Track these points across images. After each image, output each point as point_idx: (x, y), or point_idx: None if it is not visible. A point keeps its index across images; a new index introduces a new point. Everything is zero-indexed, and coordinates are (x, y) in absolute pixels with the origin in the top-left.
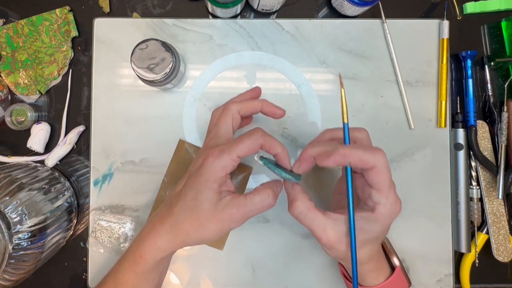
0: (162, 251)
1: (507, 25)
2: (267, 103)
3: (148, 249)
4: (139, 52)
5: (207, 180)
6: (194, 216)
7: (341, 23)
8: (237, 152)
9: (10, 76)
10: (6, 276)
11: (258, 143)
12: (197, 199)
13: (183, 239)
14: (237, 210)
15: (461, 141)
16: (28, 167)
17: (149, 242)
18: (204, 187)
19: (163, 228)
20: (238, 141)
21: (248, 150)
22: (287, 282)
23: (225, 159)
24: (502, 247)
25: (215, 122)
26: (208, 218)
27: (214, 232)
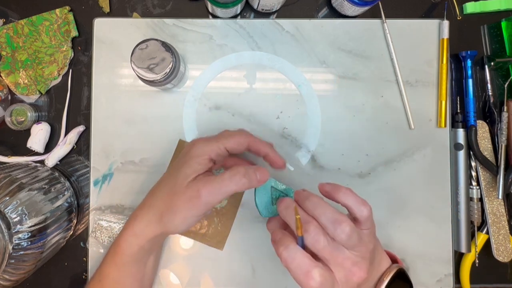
0: (138, 237)
1: (507, 25)
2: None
3: (125, 237)
4: (139, 52)
5: (190, 158)
6: (168, 191)
7: (341, 23)
8: (225, 143)
9: (10, 76)
10: (6, 276)
11: (246, 141)
12: (176, 175)
13: (157, 220)
14: (203, 185)
15: (461, 141)
16: (28, 167)
17: (127, 230)
18: (185, 164)
19: (141, 212)
20: (227, 134)
21: (236, 145)
22: (287, 282)
23: (212, 144)
24: (502, 247)
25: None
26: (178, 194)
27: (184, 212)
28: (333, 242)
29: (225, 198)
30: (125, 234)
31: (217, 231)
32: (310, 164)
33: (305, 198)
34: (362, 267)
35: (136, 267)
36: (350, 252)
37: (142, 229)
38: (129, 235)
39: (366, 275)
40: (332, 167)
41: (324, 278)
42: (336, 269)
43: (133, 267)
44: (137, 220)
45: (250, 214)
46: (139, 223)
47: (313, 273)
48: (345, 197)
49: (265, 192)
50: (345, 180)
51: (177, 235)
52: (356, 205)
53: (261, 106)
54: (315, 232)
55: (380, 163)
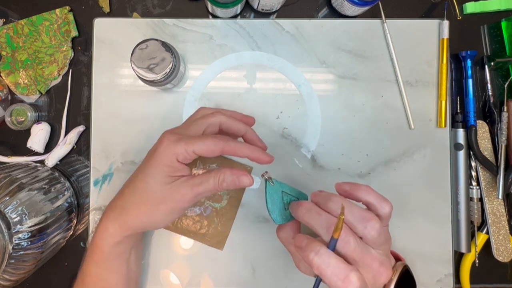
0: (113, 236)
1: (507, 25)
2: (251, 132)
3: (101, 235)
4: (139, 52)
5: (159, 164)
6: (144, 198)
7: (341, 23)
8: (194, 147)
9: (10, 76)
10: (6, 276)
11: (219, 147)
12: (147, 181)
13: (134, 223)
14: (190, 190)
15: (461, 141)
16: (28, 167)
17: (101, 229)
18: (155, 169)
19: (113, 213)
20: (200, 137)
21: (207, 150)
22: (287, 282)
23: (179, 147)
24: (502, 247)
25: (197, 118)
26: (158, 199)
27: (166, 214)
28: (361, 243)
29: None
30: (100, 233)
31: (217, 231)
32: (310, 164)
33: (327, 199)
34: (388, 266)
35: (118, 262)
36: (376, 251)
37: (116, 229)
38: (105, 234)
39: (391, 274)
40: (332, 167)
41: (361, 281)
42: (365, 270)
43: (114, 262)
44: (110, 220)
45: (250, 214)
46: (112, 223)
47: (351, 278)
48: (366, 195)
49: (277, 197)
50: (345, 180)
51: (177, 236)
52: (378, 201)
53: (261, 106)
54: (345, 233)
55: (380, 163)
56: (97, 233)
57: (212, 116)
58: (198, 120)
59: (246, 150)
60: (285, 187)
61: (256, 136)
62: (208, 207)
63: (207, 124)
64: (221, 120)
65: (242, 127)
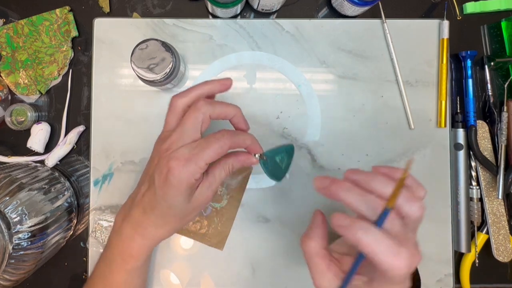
0: (150, 247)
1: (507, 25)
2: (240, 114)
3: (139, 249)
4: (139, 52)
5: (177, 194)
6: (174, 218)
7: (341, 23)
8: (205, 160)
9: (10, 76)
10: (6, 276)
11: (226, 147)
12: (173, 208)
13: (168, 234)
14: (211, 191)
15: (461, 141)
16: (28, 167)
17: (138, 243)
18: (175, 199)
19: (147, 231)
20: (205, 146)
21: (216, 155)
22: (287, 282)
23: (191, 169)
24: (502, 247)
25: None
26: (188, 212)
27: (194, 217)
28: (404, 223)
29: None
30: (137, 246)
31: (217, 231)
32: (310, 164)
33: (370, 178)
34: (419, 250)
35: (145, 268)
36: (412, 234)
37: (154, 242)
38: (143, 246)
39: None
40: (332, 167)
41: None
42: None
43: (142, 269)
44: (145, 236)
45: (250, 214)
46: (148, 239)
47: (403, 253)
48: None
49: (274, 165)
50: None
51: (177, 236)
52: (416, 185)
53: (261, 106)
54: (393, 211)
55: (380, 163)
56: (132, 246)
57: (197, 110)
58: (187, 120)
59: (248, 141)
60: (275, 152)
61: (242, 119)
62: (208, 207)
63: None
64: (209, 112)
65: (231, 110)
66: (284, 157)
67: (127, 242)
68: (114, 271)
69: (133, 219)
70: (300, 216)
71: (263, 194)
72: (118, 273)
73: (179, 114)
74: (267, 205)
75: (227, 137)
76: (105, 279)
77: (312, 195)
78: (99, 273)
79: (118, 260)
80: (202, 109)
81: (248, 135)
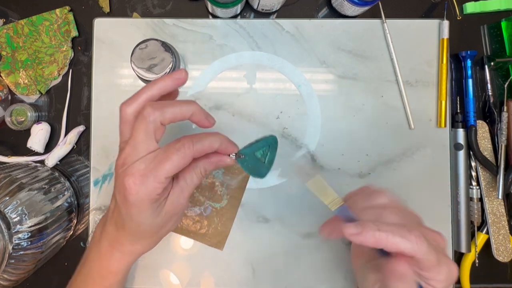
0: (130, 261)
1: (507, 25)
2: (198, 112)
3: (118, 265)
4: (139, 52)
5: (140, 211)
6: (148, 234)
7: (341, 23)
8: (165, 174)
9: (10, 76)
10: (6, 276)
11: (189, 157)
12: (143, 225)
13: (149, 247)
14: (183, 197)
15: (461, 141)
16: (28, 167)
17: (117, 259)
18: (141, 215)
19: (125, 247)
20: (163, 158)
21: (177, 167)
22: (287, 282)
23: (150, 184)
24: (502, 247)
25: (131, 128)
26: (161, 225)
27: (173, 225)
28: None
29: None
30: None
31: (217, 231)
32: (310, 164)
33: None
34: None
35: (122, 284)
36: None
37: (133, 257)
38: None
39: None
40: (332, 167)
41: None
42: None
43: (121, 283)
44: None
45: (250, 214)
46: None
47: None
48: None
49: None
50: (345, 180)
51: (177, 236)
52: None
53: (261, 106)
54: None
55: (380, 163)
56: (111, 264)
57: (144, 120)
58: (135, 132)
59: (215, 144)
60: (253, 148)
61: (203, 115)
62: (208, 207)
63: (150, 132)
64: (160, 119)
65: (185, 111)
66: (266, 151)
67: (106, 259)
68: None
69: (109, 235)
70: (300, 216)
71: (263, 194)
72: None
73: (131, 123)
74: (267, 205)
75: (188, 146)
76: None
77: (312, 195)
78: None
79: (96, 277)
80: (149, 117)
81: (215, 137)
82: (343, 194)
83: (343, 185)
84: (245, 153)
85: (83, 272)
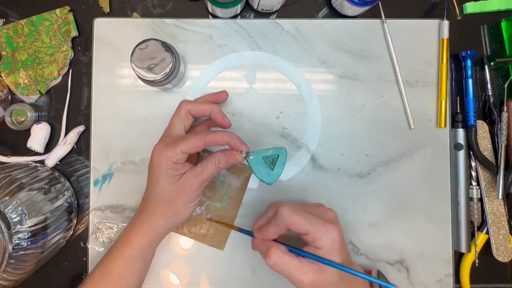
0: (147, 234)
1: (507, 25)
2: (216, 111)
3: (136, 234)
4: (139, 52)
5: (159, 173)
6: (161, 200)
7: (341, 23)
8: (181, 148)
9: (10, 76)
10: (6, 276)
11: (201, 141)
12: (157, 186)
13: (161, 223)
14: (196, 180)
15: (461, 141)
16: (28, 167)
17: (136, 228)
18: (158, 179)
19: (144, 217)
20: (183, 138)
21: (192, 146)
22: (287, 282)
23: (169, 152)
24: (502, 247)
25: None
26: (173, 196)
27: (183, 206)
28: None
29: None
30: (135, 232)
31: (217, 231)
32: (310, 164)
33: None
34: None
35: (142, 262)
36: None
37: (151, 229)
38: (140, 232)
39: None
40: (332, 167)
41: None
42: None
43: (139, 263)
44: (143, 222)
45: (250, 214)
46: (145, 225)
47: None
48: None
49: (260, 165)
50: (345, 180)
51: (177, 236)
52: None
53: (261, 106)
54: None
55: (380, 163)
56: (131, 232)
57: (179, 109)
58: (172, 120)
59: (226, 137)
60: (263, 152)
61: (220, 115)
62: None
63: (180, 119)
64: (188, 108)
65: (207, 107)
66: (275, 159)
67: (129, 229)
68: (113, 258)
69: (137, 211)
70: None
71: (263, 194)
72: (116, 261)
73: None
74: (267, 205)
75: (203, 133)
76: (104, 268)
77: (312, 195)
78: (100, 263)
79: (119, 246)
80: (182, 106)
81: (227, 134)
82: (344, 194)
83: (343, 185)
84: (255, 155)
85: (112, 245)
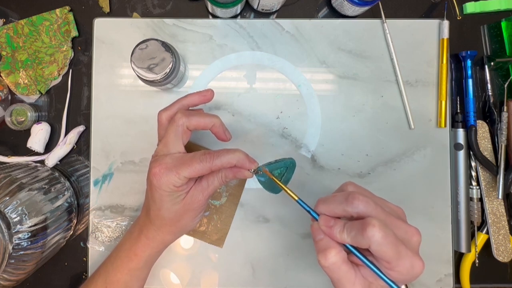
0: (155, 248)
1: (507, 25)
2: (218, 125)
3: (143, 248)
4: (139, 52)
5: (162, 195)
6: (168, 220)
7: (341, 23)
8: (185, 174)
9: (10, 76)
10: (6, 276)
11: (208, 168)
12: (163, 210)
13: (169, 238)
14: (202, 195)
15: (461, 141)
16: (28, 167)
17: (142, 243)
18: (162, 201)
19: (151, 233)
20: (188, 163)
21: (196, 173)
22: (287, 282)
23: (171, 177)
24: (502, 247)
25: (165, 130)
26: (181, 214)
27: (191, 220)
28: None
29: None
30: (141, 245)
31: (216, 228)
32: (310, 164)
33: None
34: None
35: (146, 270)
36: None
37: (158, 244)
38: (147, 246)
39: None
40: (332, 167)
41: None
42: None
43: (145, 271)
44: (149, 237)
45: (250, 214)
46: (152, 239)
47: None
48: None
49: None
50: (345, 180)
51: None
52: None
53: (261, 106)
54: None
55: (380, 163)
56: (137, 245)
57: (175, 124)
58: (168, 132)
59: (233, 160)
60: (272, 167)
61: (221, 129)
62: (208, 205)
63: (178, 134)
64: (186, 124)
65: (207, 121)
66: (283, 171)
67: (134, 242)
68: (118, 269)
69: (140, 222)
70: (300, 216)
71: (263, 194)
72: (121, 271)
73: (165, 126)
74: (267, 205)
75: (209, 160)
76: (106, 276)
77: (312, 195)
78: (103, 271)
79: (124, 258)
80: (179, 121)
81: (234, 155)
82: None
83: None
84: (263, 170)
85: (114, 253)
